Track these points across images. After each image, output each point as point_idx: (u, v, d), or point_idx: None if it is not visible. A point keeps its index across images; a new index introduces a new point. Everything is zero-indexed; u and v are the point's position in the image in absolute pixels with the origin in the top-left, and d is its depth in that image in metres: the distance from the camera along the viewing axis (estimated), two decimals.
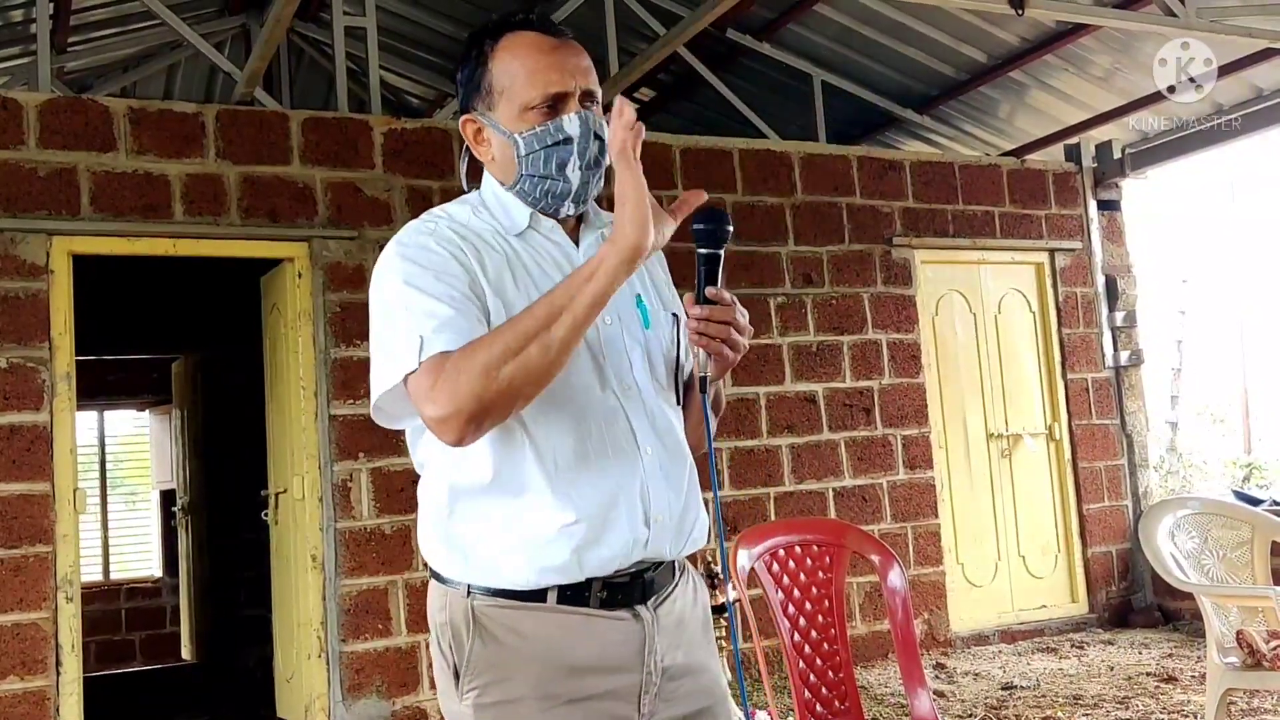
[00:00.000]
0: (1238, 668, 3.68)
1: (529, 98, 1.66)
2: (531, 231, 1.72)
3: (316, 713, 5.32)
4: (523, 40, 1.69)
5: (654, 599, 1.70)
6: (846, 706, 3.01)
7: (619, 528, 1.63)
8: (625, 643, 1.67)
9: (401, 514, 5.46)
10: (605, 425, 1.65)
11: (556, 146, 1.67)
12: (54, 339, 4.99)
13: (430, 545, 1.72)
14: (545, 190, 1.70)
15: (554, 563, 1.60)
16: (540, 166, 1.68)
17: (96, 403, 9.65)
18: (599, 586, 1.64)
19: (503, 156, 1.71)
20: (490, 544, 1.63)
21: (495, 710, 1.62)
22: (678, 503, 1.70)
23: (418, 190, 5.66)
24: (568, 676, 1.63)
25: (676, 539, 1.70)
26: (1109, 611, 7.15)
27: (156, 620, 9.72)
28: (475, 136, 1.74)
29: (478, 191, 1.78)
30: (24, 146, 5.01)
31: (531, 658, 1.62)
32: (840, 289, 6.66)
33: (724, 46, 6.71)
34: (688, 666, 1.74)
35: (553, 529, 1.60)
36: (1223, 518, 4.10)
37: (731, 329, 1.67)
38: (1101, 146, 7.50)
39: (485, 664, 1.63)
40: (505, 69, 1.68)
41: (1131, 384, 7.49)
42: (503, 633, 1.63)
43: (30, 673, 4.78)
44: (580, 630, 1.63)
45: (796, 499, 6.38)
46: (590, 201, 1.75)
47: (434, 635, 1.70)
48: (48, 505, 4.89)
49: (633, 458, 1.65)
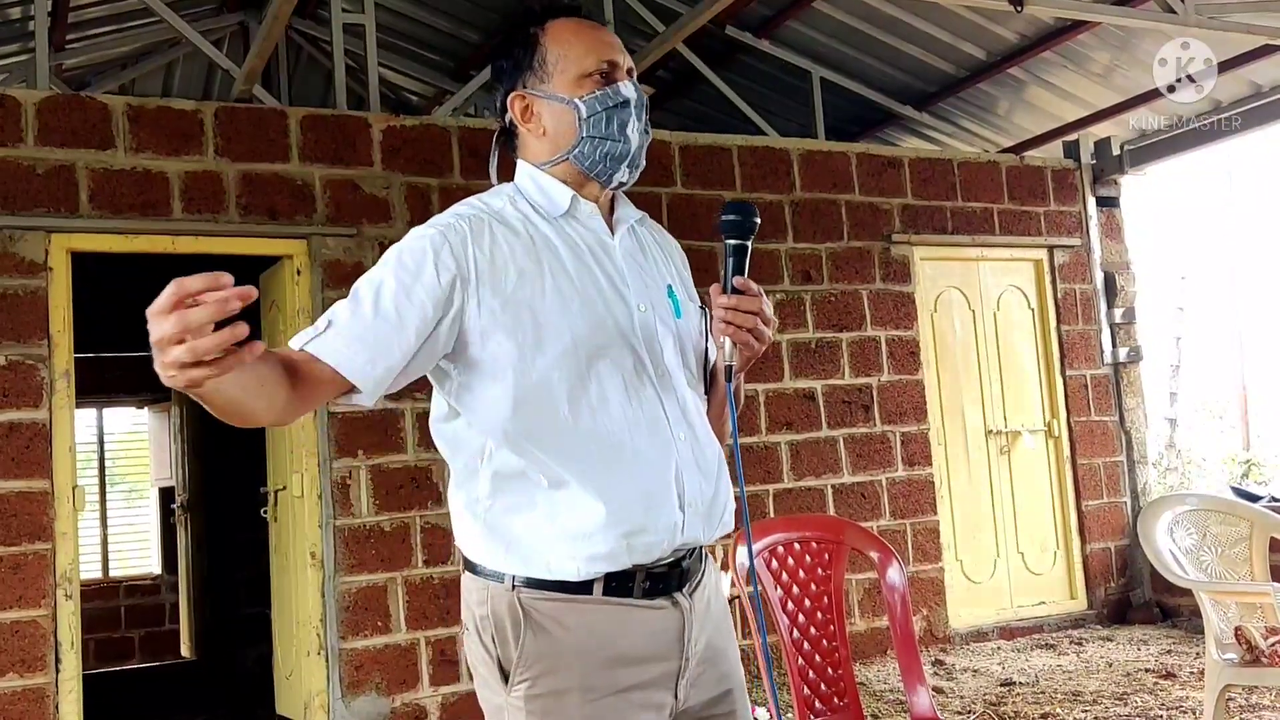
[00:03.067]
0: (1236, 664, 3.68)
1: (586, 66, 1.75)
2: (570, 217, 1.76)
3: (316, 710, 5.32)
4: (571, 21, 1.79)
5: (689, 586, 1.74)
6: (845, 703, 3.01)
7: (660, 513, 1.65)
8: (666, 631, 1.70)
9: (400, 511, 5.46)
10: (643, 411, 1.68)
11: (617, 108, 1.75)
12: (53, 336, 4.99)
13: (469, 537, 1.72)
14: (605, 152, 1.75)
15: (602, 550, 1.62)
16: (603, 128, 1.74)
17: (95, 400, 9.63)
18: (642, 576, 1.67)
19: (556, 126, 1.76)
20: (535, 534, 1.64)
21: (544, 701, 1.63)
22: (709, 488, 1.73)
23: (416, 188, 5.66)
24: (612, 667, 1.65)
25: (709, 524, 1.73)
26: (1108, 608, 7.16)
27: (155, 618, 9.71)
28: (523, 113, 1.79)
29: (512, 182, 1.81)
30: (22, 144, 5.00)
31: (578, 650, 1.64)
32: (839, 286, 6.66)
33: (723, 43, 6.71)
34: (713, 651, 1.78)
35: (599, 517, 1.62)
36: (1221, 514, 4.10)
37: (758, 319, 1.71)
38: (1100, 143, 7.50)
39: (536, 655, 1.64)
40: (559, 44, 1.77)
41: (1130, 381, 7.49)
42: (550, 624, 1.64)
43: (29, 670, 4.78)
44: (624, 621, 1.66)
45: (795, 496, 6.38)
46: (638, 171, 1.81)
47: (472, 629, 1.71)
48: (47, 503, 4.89)
49: (668, 444, 1.69)
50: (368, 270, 1.68)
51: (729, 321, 1.70)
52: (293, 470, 5.53)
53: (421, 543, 5.48)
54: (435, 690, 5.42)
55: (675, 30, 5.68)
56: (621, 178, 1.78)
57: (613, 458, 1.64)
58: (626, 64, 1.79)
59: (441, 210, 1.75)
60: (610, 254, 1.76)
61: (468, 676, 5.45)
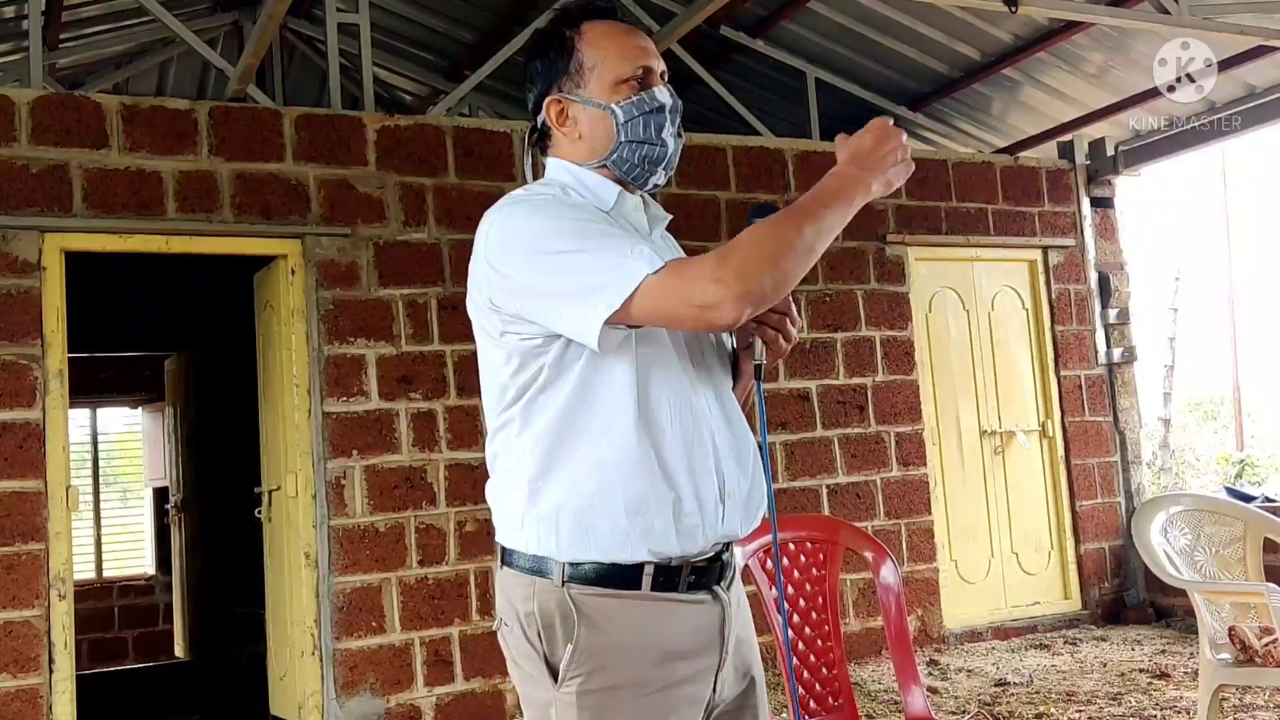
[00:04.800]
0: (1230, 664, 3.69)
1: (622, 71, 1.76)
2: (617, 211, 1.77)
3: (310, 710, 5.31)
4: (605, 25, 1.80)
5: (725, 580, 1.76)
6: (840, 703, 3.01)
7: (705, 500, 1.68)
8: (710, 626, 1.73)
9: (394, 511, 5.46)
10: (690, 402, 1.71)
11: (654, 114, 1.77)
12: (46, 336, 4.98)
13: (514, 526, 1.72)
14: (643, 156, 1.77)
15: (655, 525, 1.64)
16: (640, 132, 1.76)
17: (89, 400, 9.62)
18: (687, 570, 1.69)
19: (593, 131, 1.78)
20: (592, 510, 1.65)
21: (598, 697, 1.64)
22: (745, 480, 1.76)
23: (411, 187, 5.65)
24: (660, 663, 1.67)
25: (746, 516, 1.76)
26: (1102, 608, 7.16)
27: (149, 618, 9.70)
28: (559, 118, 1.80)
29: (549, 177, 1.83)
30: (16, 143, 4.99)
31: (627, 646, 1.66)
32: (834, 286, 6.67)
33: (717, 44, 6.71)
34: (740, 643, 1.80)
35: (655, 496, 1.65)
36: (1215, 514, 4.11)
37: (786, 319, 1.77)
38: (1095, 143, 7.51)
39: (589, 651, 1.65)
40: (595, 49, 1.77)
41: (1124, 381, 7.50)
42: (601, 620, 1.66)
43: (23, 671, 4.77)
44: (671, 616, 1.69)
45: (790, 496, 6.38)
46: (671, 174, 1.83)
47: (515, 624, 1.71)
48: (40, 503, 4.88)
49: (708, 434, 1.71)
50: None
51: (761, 322, 1.76)
52: (287, 470, 5.52)
53: (416, 543, 5.48)
54: (430, 690, 5.42)
55: (670, 30, 5.68)
56: (657, 180, 1.82)
57: (665, 445, 1.66)
58: (660, 68, 1.80)
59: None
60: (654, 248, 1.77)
61: (462, 676, 5.45)
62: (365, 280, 5.48)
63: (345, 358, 5.44)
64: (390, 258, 5.53)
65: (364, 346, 5.47)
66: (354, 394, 5.42)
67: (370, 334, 5.48)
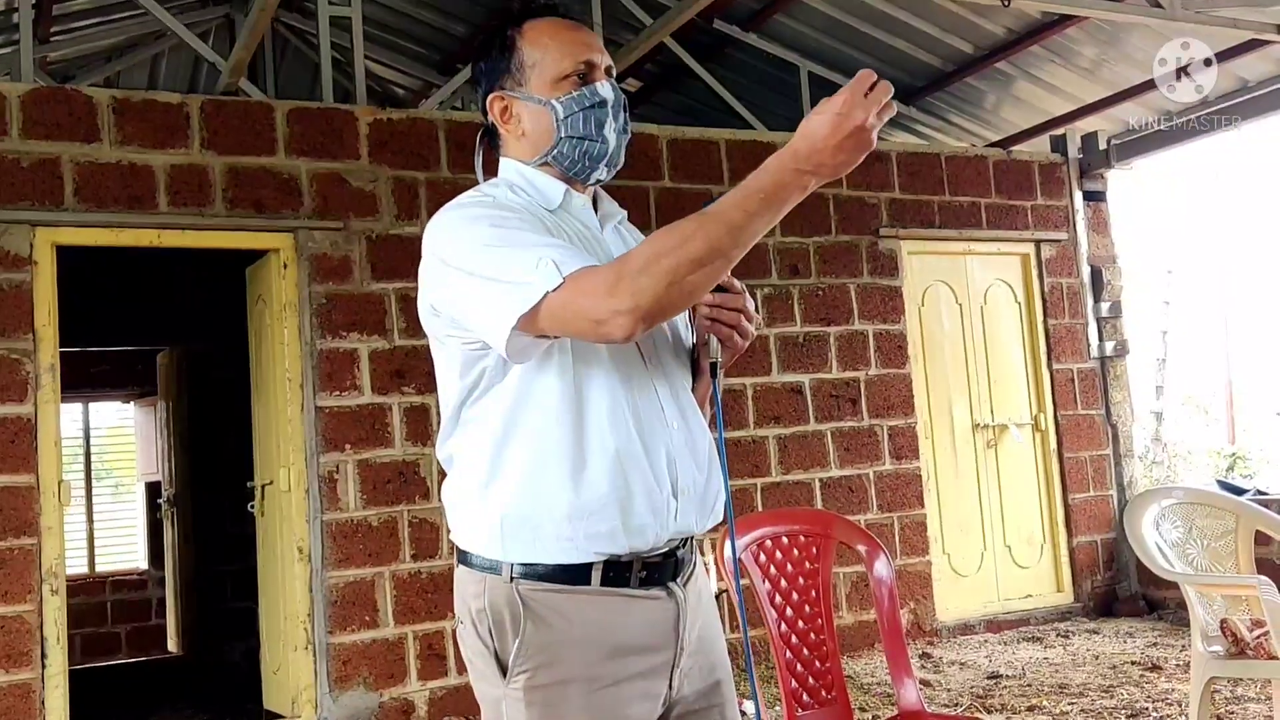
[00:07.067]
0: (1222, 656, 3.70)
1: (563, 67, 1.76)
2: (563, 210, 1.77)
3: (303, 705, 5.31)
4: (547, 22, 1.80)
5: (682, 576, 1.76)
6: (833, 696, 3.02)
7: (655, 497, 1.67)
8: (663, 621, 1.72)
9: (388, 505, 5.45)
10: (643, 398, 1.70)
11: (594, 109, 1.76)
12: (38, 331, 4.96)
13: (466, 527, 1.73)
14: (584, 152, 1.77)
15: (602, 529, 1.64)
16: (580, 128, 1.76)
17: (81, 395, 9.59)
18: (639, 566, 1.68)
19: (535, 128, 1.78)
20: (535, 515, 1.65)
21: (545, 692, 1.64)
22: (701, 476, 1.75)
23: (403, 181, 5.64)
24: (611, 658, 1.67)
25: (701, 512, 1.75)
26: (1094, 601, 7.19)
27: (142, 613, 9.68)
28: (502, 115, 1.81)
29: (500, 177, 1.83)
30: (7, 137, 4.97)
31: (577, 641, 1.66)
32: (827, 280, 6.67)
33: (711, 37, 6.70)
34: (704, 643, 1.80)
35: (598, 498, 1.64)
36: (1207, 507, 4.12)
37: (741, 316, 1.76)
38: (1087, 137, 7.52)
39: (537, 647, 1.65)
40: (535, 46, 1.78)
41: (1117, 374, 7.52)
42: (550, 615, 1.65)
43: (15, 666, 4.76)
44: (622, 612, 1.68)
45: (783, 489, 6.39)
46: (616, 170, 1.82)
47: (468, 621, 1.71)
48: (32, 497, 4.87)
49: (662, 431, 1.71)
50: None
51: (714, 319, 1.75)
52: (280, 465, 5.52)
53: (409, 537, 5.48)
54: (423, 684, 5.42)
55: (663, 24, 5.67)
56: (600, 176, 1.81)
57: (615, 442, 1.66)
58: (605, 63, 1.79)
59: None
60: (603, 246, 1.78)
61: (455, 670, 5.45)
62: (358, 274, 5.47)
63: (338, 352, 5.43)
64: (383, 251, 5.52)
65: (356, 340, 5.46)
66: (347, 388, 5.41)
67: (363, 328, 5.48)
